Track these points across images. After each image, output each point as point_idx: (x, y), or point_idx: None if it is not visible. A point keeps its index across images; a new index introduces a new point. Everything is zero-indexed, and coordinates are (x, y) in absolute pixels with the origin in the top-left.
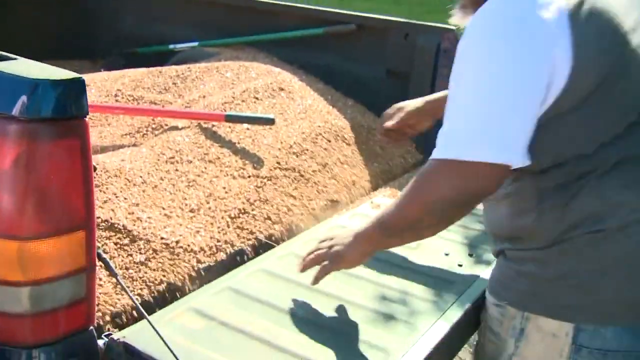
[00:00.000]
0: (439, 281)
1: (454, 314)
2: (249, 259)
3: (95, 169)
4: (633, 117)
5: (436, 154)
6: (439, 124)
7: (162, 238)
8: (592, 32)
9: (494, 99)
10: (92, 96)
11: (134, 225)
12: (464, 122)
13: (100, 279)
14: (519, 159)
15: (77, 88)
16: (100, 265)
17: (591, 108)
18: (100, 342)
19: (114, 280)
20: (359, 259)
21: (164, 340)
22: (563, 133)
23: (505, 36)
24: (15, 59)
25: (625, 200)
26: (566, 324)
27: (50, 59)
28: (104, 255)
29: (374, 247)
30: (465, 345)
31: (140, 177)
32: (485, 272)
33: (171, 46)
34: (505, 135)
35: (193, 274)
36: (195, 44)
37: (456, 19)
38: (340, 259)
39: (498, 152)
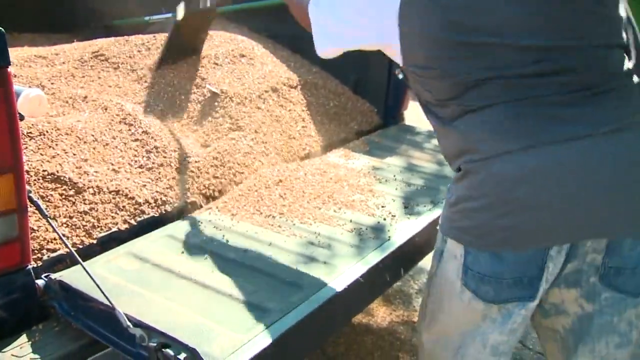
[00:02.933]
0: (366, 230)
1: (374, 258)
2: (194, 212)
3: (22, 117)
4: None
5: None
6: None
7: (107, 190)
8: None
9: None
10: (58, 64)
11: (80, 178)
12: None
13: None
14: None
15: None
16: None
17: (434, 65)
18: (40, 282)
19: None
20: None
21: (92, 277)
22: (424, 83)
23: None
24: None
25: (487, 137)
26: (460, 245)
27: (29, 32)
28: (35, 198)
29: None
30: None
31: (92, 135)
32: (415, 222)
33: (146, 18)
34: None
35: (135, 223)
36: (169, 15)
37: None
38: None
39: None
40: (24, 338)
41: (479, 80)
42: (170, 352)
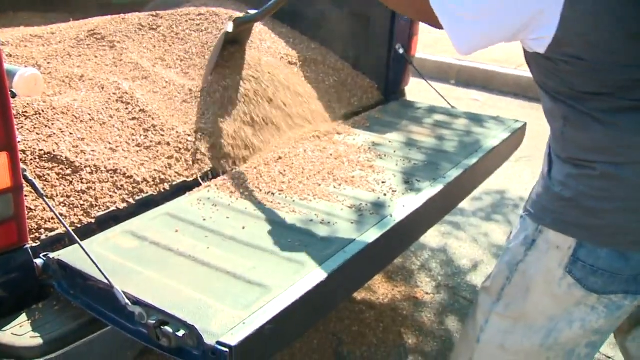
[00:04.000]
0: (367, 206)
1: (374, 234)
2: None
3: (13, 95)
4: None
5: None
6: None
7: (105, 169)
8: None
9: None
10: (55, 43)
11: (77, 157)
12: None
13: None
14: (461, 47)
15: None
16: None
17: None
18: (39, 261)
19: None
20: None
21: (89, 256)
22: (567, 74)
23: None
24: None
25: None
26: (570, 239)
27: (25, 12)
28: (31, 177)
29: None
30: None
31: (89, 114)
32: (415, 198)
33: None
34: (467, 22)
35: (133, 202)
36: None
37: None
38: None
39: (454, 30)
40: (23, 317)
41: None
42: (169, 329)
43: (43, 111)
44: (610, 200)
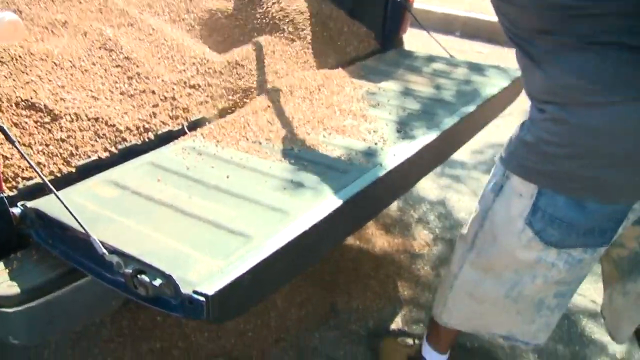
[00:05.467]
0: (356, 155)
1: (362, 183)
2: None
3: None
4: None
5: None
6: None
7: (86, 117)
8: None
9: None
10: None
11: (56, 105)
12: None
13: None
14: None
15: None
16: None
17: None
18: (16, 210)
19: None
20: None
21: (64, 205)
22: (519, 12)
23: None
24: None
25: (585, 83)
26: (532, 186)
27: None
28: (2, 124)
29: None
30: None
31: (70, 61)
32: (407, 147)
33: None
34: None
35: (116, 151)
36: None
37: None
38: None
39: None
40: (1, 266)
41: (581, 15)
42: (145, 278)
43: (20, 57)
44: (561, 146)
